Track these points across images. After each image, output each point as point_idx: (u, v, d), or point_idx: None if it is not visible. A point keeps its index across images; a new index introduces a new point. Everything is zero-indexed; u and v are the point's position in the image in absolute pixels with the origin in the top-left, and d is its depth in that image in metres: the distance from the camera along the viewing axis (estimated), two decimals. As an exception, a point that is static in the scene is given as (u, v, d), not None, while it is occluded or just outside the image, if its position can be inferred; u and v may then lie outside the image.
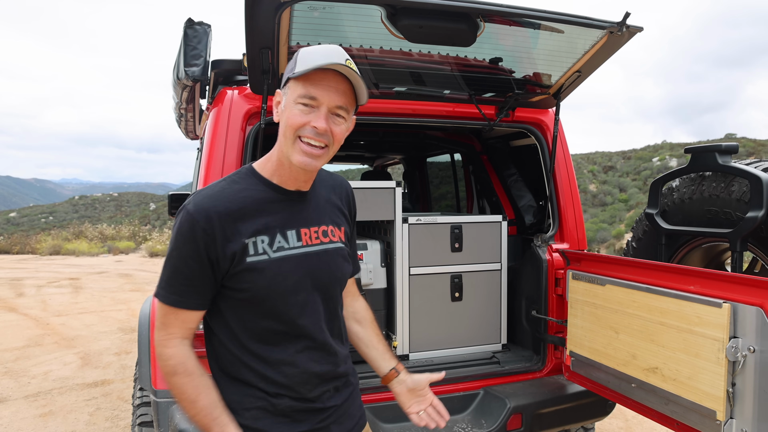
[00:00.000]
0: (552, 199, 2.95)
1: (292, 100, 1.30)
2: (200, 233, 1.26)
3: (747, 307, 1.75)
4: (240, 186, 1.35)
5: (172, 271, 1.30)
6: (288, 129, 1.30)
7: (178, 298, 1.31)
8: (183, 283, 1.30)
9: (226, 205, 1.29)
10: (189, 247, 1.27)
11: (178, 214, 1.31)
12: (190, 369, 1.33)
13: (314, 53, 1.29)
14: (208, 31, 2.62)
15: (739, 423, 1.79)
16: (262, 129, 2.37)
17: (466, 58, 2.50)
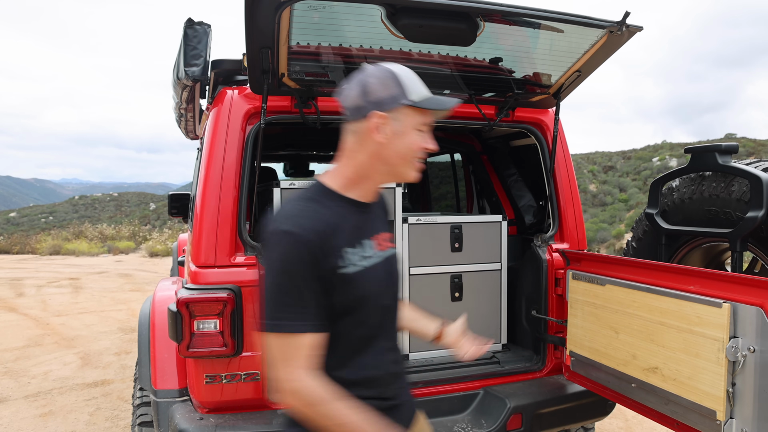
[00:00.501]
0: (552, 199, 2.95)
1: (411, 127, 1.39)
2: (306, 253, 1.27)
3: (747, 307, 1.75)
4: (321, 203, 1.38)
5: (284, 296, 1.28)
6: (410, 153, 1.41)
7: (294, 323, 1.28)
8: (297, 305, 1.28)
9: (319, 222, 1.32)
10: (298, 268, 1.27)
11: (272, 237, 1.30)
12: (327, 394, 1.30)
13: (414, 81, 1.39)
14: (208, 31, 2.62)
15: (739, 423, 1.79)
16: (262, 129, 2.37)
17: (466, 58, 2.50)
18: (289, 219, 1.31)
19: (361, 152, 1.40)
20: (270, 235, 1.31)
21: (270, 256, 1.30)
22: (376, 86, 1.37)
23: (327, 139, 4.32)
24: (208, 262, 2.32)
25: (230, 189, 2.38)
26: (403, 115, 1.38)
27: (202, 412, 2.34)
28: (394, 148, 1.38)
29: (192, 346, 2.22)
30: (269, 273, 1.29)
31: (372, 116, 1.36)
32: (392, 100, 1.36)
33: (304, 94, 2.49)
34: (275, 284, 1.28)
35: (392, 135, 1.38)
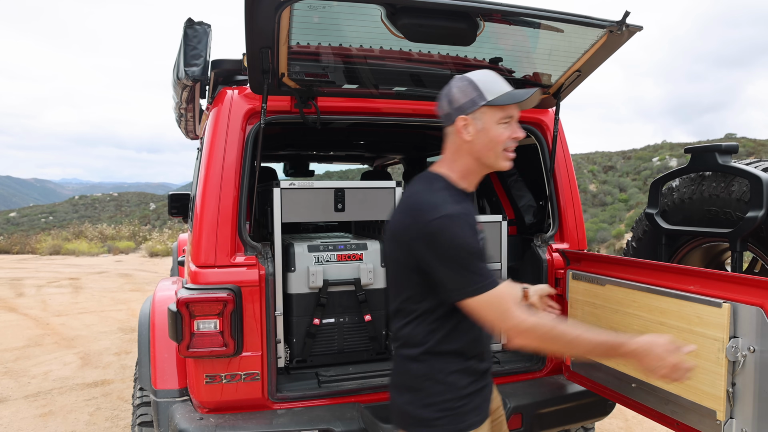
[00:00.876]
0: (552, 199, 2.95)
1: (493, 122, 1.62)
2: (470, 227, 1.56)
3: (747, 307, 1.75)
4: (450, 192, 1.64)
5: (475, 263, 1.54)
6: (497, 145, 1.64)
7: (493, 279, 1.56)
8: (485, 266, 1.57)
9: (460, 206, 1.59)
10: (472, 240, 1.54)
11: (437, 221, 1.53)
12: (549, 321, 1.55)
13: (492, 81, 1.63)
14: (208, 31, 2.62)
15: (740, 423, 1.79)
16: (262, 129, 2.36)
17: (466, 58, 2.50)
18: (442, 206, 1.55)
19: (459, 151, 1.67)
20: (432, 222, 1.53)
21: (447, 236, 1.52)
22: (457, 94, 1.64)
23: (327, 139, 4.32)
24: (208, 262, 2.32)
25: (230, 189, 2.38)
26: (482, 113, 1.62)
27: (202, 412, 2.34)
28: (480, 144, 1.63)
29: (192, 346, 2.22)
30: (453, 250, 1.52)
31: (458, 120, 1.63)
32: (471, 104, 1.62)
33: (304, 94, 2.49)
34: (463, 257, 1.52)
35: (476, 133, 1.63)
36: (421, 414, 1.64)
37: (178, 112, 4.01)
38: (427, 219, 1.54)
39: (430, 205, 1.57)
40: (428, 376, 1.64)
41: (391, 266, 1.73)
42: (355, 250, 2.83)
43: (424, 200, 1.60)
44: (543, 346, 1.57)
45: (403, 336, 1.69)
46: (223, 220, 2.35)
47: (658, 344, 1.54)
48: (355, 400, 2.47)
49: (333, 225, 4.38)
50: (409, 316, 1.67)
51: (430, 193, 1.62)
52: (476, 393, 1.70)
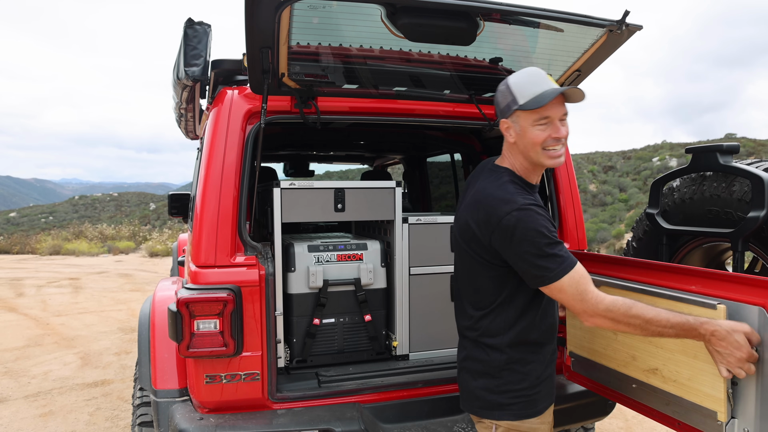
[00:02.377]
0: (552, 199, 2.95)
1: (529, 125, 1.68)
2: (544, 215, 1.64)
3: (748, 306, 1.75)
4: (520, 185, 1.74)
5: (554, 248, 1.60)
6: (535, 146, 1.70)
7: (572, 258, 1.63)
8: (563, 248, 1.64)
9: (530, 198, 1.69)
10: (548, 226, 1.62)
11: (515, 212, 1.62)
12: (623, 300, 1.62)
13: (527, 83, 1.68)
14: (208, 31, 2.62)
15: (741, 423, 1.78)
16: (262, 129, 2.36)
17: (466, 58, 2.50)
18: (513, 198, 1.64)
19: (510, 150, 1.79)
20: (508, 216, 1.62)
21: (524, 226, 1.60)
22: (499, 99, 1.75)
23: (327, 139, 4.31)
24: (208, 262, 2.31)
25: (230, 189, 2.38)
26: (518, 117, 1.70)
27: (202, 412, 2.34)
28: (522, 145, 1.72)
29: (192, 346, 2.22)
30: (532, 239, 1.59)
31: (501, 124, 1.75)
32: (508, 108, 1.72)
33: (304, 94, 2.49)
34: (543, 243, 1.59)
35: (516, 135, 1.72)
36: (497, 399, 1.74)
37: (178, 112, 4.00)
38: (502, 213, 1.62)
39: (503, 200, 1.64)
40: (508, 366, 1.74)
41: (464, 260, 1.80)
42: (355, 250, 2.83)
43: (496, 195, 1.67)
44: (618, 326, 1.62)
45: (482, 327, 1.78)
46: (223, 220, 2.34)
47: (739, 331, 1.56)
48: (355, 400, 2.46)
49: (333, 225, 4.38)
50: (486, 308, 1.76)
51: (498, 187, 1.69)
52: (548, 379, 1.81)
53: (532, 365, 1.76)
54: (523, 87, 1.68)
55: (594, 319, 1.61)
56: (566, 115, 1.72)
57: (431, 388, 2.61)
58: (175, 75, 3.03)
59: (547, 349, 1.82)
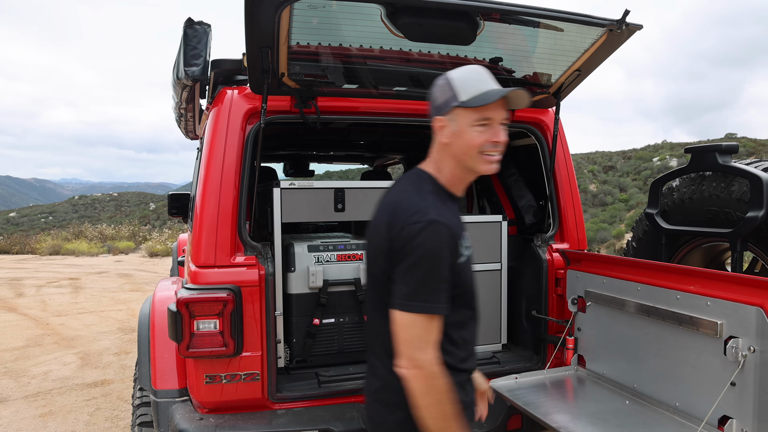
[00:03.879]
0: (552, 199, 2.95)
1: (467, 125, 1.50)
2: (453, 241, 1.45)
3: (747, 307, 1.75)
4: (441, 196, 1.55)
5: (438, 282, 1.42)
6: (471, 149, 1.51)
7: (445, 305, 1.44)
8: (446, 290, 1.44)
9: (452, 215, 1.50)
10: (447, 256, 1.43)
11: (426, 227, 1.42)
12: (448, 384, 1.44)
13: (470, 79, 1.50)
14: (208, 31, 2.62)
15: (740, 423, 1.79)
16: (262, 129, 2.36)
17: (466, 58, 2.50)
18: (435, 210, 1.46)
19: (440, 153, 1.58)
20: (417, 224, 1.43)
21: (421, 242, 1.41)
22: (436, 94, 1.55)
23: (327, 139, 4.31)
24: (208, 262, 2.32)
25: (230, 189, 2.38)
26: (457, 115, 1.50)
27: (202, 412, 2.34)
28: (457, 147, 1.52)
29: (192, 346, 2.22)
30: (421, 260, 1.41)
31: (435, 121, 1.55)
32: (446, 104, 1.52)
33: (304, 94, 2.49)
34: (426, 270, 1.41)
35: (452, 135, 1.52)
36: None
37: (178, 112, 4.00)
38: (408, 221, 1.44)
39: (415, 208, 1.46)
40: None
41: (376, 272, 1.56)
42: (355, 250, 2.83)
43: (410, 200, 1.50)
44: (423, 397, 1.41)
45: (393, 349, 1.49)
46: (223, 220, 2.34)
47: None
48: (355, 400, 2.46)
49: (333, 225, 4.38)
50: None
51: (417, 194, 1.52)
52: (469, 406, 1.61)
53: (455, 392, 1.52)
54: (467, 83, 1.50)
55: (413, 373, 1.40)
56: (507, 120, 1.56)
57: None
58: (175, 75, 3.03)
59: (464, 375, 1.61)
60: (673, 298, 2.04)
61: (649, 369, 2.18)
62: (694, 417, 1.97)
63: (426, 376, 1.40)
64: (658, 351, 2.13)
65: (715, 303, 1.86)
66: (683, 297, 1.99)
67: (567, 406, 2.32)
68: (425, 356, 1.41)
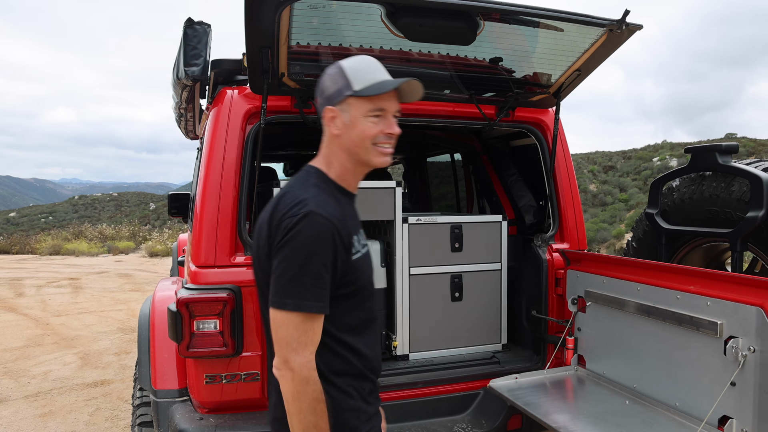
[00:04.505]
0: (552, 199, 2.95)
1: (360, 115, 1.44)
2: (336, 235, 1.36)
3: (747, 307, 1.75)
4: (330, 191, 1.47)
5: (314, 278, 1.32)
6: (365, 140, 1.44)
7: (322, 304, 1.34)
8: (324, 287, 1.34)
9: (337, 208, 1.41)
10: (326, 251, 1.34)
11: (302, 220, 1.33)
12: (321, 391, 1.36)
13: (363, 69, 1.45)
14: (208, 31, 2.62)
15: (740, 423, 1.79)
16: (262, 129, 2.36)
17: (466, 58, 2.50)
18: (318, 203, 1.37)
19: (330, 145, 1.50)
20: (295, 216, 1.34)
21: (296, 235, 1.33)
22: (327, 83, 1.47)
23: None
24: (208, 262, 2.32)
25: (230, 189, 2.38)
26: (349, 105, 1.44)
27: (202, 412, 2.34)
28: (349, 138, 1.45)
29: (192, 346, 2.22)
30: (295, 253, 1.33)
31: (326, 112, 1.47)
32: (338, 94, 1.44)
33: (304, 94, 2.49)
34: (304, 264, 1.32)
35: (343, 126, 1.45)
36: None
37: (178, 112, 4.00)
38: (287, 214, 1.36)
39: (295, 201, 1.38)
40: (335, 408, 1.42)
41: (257, 272, 1.49)
42: (355, 250, 2.82)
43: (292, 194, 1.41)
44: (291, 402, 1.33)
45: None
46: (223, 220, 2.34)
47: None
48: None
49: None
50: None
51: (300, 188, 1.43)
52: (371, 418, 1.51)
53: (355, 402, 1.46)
54: (360, 73, 1.44)
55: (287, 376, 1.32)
56: (399, 113, 1.51)
57: (431, 388, 2.61)
58: (175, 75, 3.03)
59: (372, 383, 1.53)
60: (673, 298, 2.04)
61: (649, 369, 2.18)
62: (694, 417, 1.97)
63: (295, 379, 1.31)
64: (658, 351, 2.13)
65: (715, 303, 1.86)
66: (683, 297, 1.99)
67: (567, 406, 2.32)
68: (298, 358, 1.31)
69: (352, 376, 1.46)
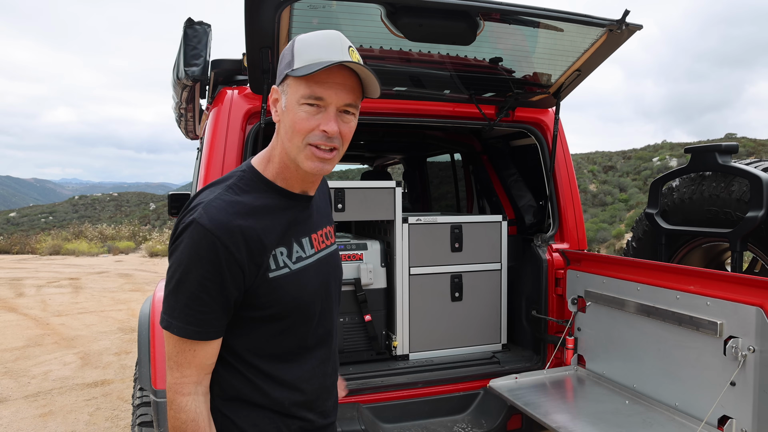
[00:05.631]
0: (552, 199, 2.95)
1: (294, 101, 1.16)
2: (222, 251, 1.11)
3: (747, 307, 1.75)
4: (251, 194, 1.20)
5: (189, 298, 1.12)
6: (295, 134, 1.16)
7: (196, 329, 1.14)
8: (201, 310, 1.13)
9: (243, 217, 1.15)
10: (207, 268, 1.11)
11: (185, 229, 1.13)
12: (201, 422, 1.17)
13: (313, 45, 1.15)
14: (208, 31, 2.62)
15: (740, 423, 1.79)
16: (262, 129, 2.37)
17: (466, 58, 2.50)
18: (210, 211, 1.13)
19: (275, 136, 1.25)
20: (182, 224, 1.15)
21: (177, 247, 1.14)
22: (281, 62, 1.21)
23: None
24: (208, 262, 2.31)
25: (230, 189, 2.38)
26: (288, 86, 1.18)
27: (202, 412, 2.33)
28: (282, 128, 1.21)
29: (192, 346, 2.21)
30: (173, 266, 1.14)
31: (271, 93, 1.24)
32: (281, 73, 1.20)
33: (304, 94, 2.49)
34: (180, 281, 1.13)
35: (282, 113, 1.20)
36: None
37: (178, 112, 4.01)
38: (180, 218, 1.17)
39: (193, 204, 1.17)
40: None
41: None
42: (355, 250, 2.83)
43: (200, 194, 1.20)
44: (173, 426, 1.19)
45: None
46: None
47: None
48: (355, 400, 2.46)
49: (333, 225, 4.38)
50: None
51: (211, 187, 1.21)
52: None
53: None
54: (308, 47, 1.15)
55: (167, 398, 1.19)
56: (352, 108, 1.19)
57: (431, 388, 2.62)
58: (175, 75, 3.04)
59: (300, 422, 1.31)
60: (673, 298, 2.04)
61: (649, 369, 2.18)
62: (693, 417, 1.97)
63: (168, 399, 1.18)
64: (658, 351, 2.13)
65: (715, 303, 1.86)
66: (683, 297, 1.99)
67: (567, 406, 2.32)
68: (170, 378, 1.18)
69: (269, 410, 1.24)
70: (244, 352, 1.22)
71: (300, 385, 1.27)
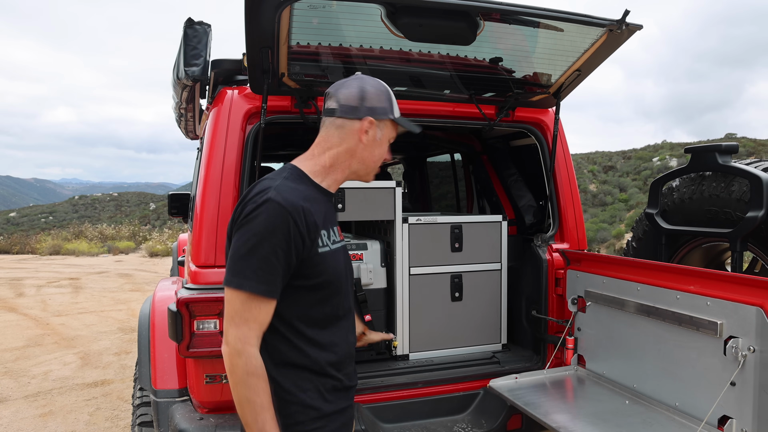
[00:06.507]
0: (552, 199, 2.95)
1: (387, 138, 1.62)
2: (291, 224, 1.38)
3: (747, 307, 1.75)
4: (303, 185, 1.51)
5: (261, 261, 1.36)
6: (378, 160, 1.63)
7: (267, 287, 1.38)
8: (271, 272, 1.38)
9: (305, 200, 1.44)
10: (279, 237, 1.37)
11: (261, 206, 1.38)
12: (265, 372, 1.39)
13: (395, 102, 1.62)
14: (208, 31, 2.62)
15: (740, 423, 1.79)
16: (262, 129, 2.37)
17: (466, 58, 2.50)
18: (281, 192, 1.41)
19: (341, 146, 1.57)
20: (255, 203, 1.40)
21: (252, 218, 1.38)
22: (373, 95, 1.57)
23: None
24: (208, 262, 2.32)
25: (230, 189, 2.38)
26: (385, 126, 1.60)
27: (202, 412, 2.34)
28: (369, 152, 1.59)
29: (192, 346, 2.22)
30: (248, 235, 1.38)
31: (365, 120, 1.56)
32: (383, 112, 1.58)
33: (304, 94, 2.49)
34: (255, 247, 1.37)
35: (372, 140, 1.58)
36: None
37: (178, 112, 4.01)
38: (250, 199, 1.42)
39: (262, 188, 1.44)
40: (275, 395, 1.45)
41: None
42: (355, 250, 2.83)
43: (262, 183, 1.47)
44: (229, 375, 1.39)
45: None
46: (223, 220, 2.34)
47: None
48: (354, 400, 2.46)
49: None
50: None
51: (272, 178, 1.49)
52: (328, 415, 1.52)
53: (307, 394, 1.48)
54: (395, 102, 1.63)
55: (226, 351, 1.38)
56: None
57: (431, 388, 2.61)
58: (175, 75, 3.04)
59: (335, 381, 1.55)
60: (673, 298, 2.04)
61: (649, 369, 2.19)
62: (694, 417, 1.97)
63: (231, 353, 1.36)
64: (658, 351, 2.13)
65: (715, 303, 1.86)
66: (683, 297, 2.00)
67: (567, 406, 2.32)
68: (233, 331, 1.36)
69: (309, 371, 1.49)
70: (292, 318, 1.47)
71: (333, 348, 1.53)
